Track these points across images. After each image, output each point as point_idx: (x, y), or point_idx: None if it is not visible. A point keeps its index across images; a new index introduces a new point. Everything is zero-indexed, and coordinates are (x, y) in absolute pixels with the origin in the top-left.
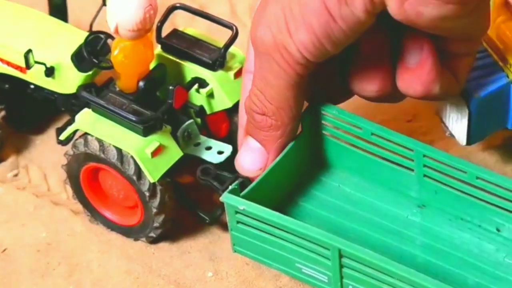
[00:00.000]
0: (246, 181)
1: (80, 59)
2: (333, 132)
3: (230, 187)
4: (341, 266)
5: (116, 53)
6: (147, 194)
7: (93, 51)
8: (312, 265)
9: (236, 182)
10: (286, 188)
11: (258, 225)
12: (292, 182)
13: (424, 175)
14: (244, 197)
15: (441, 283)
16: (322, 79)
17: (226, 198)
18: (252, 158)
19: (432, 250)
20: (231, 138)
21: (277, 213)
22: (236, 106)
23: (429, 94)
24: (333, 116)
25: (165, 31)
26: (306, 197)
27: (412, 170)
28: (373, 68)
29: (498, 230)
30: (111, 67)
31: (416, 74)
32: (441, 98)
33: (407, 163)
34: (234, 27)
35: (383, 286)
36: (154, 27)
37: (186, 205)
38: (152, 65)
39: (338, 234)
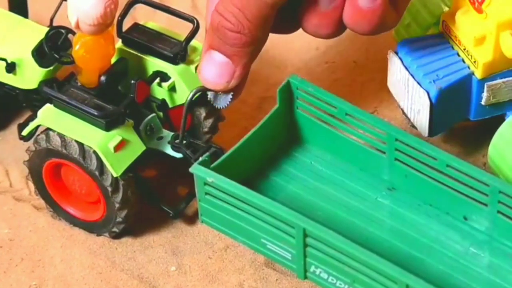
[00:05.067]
0: (219, 151)
1: (41, 54)
2: (309, 109)
3: (200, 158)
4: (305, 245)
5: (77, 48)
6: (109, 189)
7: (54, 46)
8: (277, 242)
9: (207, 153)
10: (258, 161)
11: (225, 198)
12: (264, 156)
13: (396, 159)
14: (214, 168)
15: (402, 270)
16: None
17: (196, 169)
18: (218, 71)
19: (399, 234)
20: (193, 131)
21: (244, 188)
22: (197, 100)
23: (375, 32)
24: (309, 93)
25: (125, 25)
26: (277, 171)
27: (384, 153)
28: (327, 13)
29: (465, 218)
30: (72, 62)
31: (367, 17)
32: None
33: (379, 145)
34: (195, 20)
35: (346, 268)
36: (115, 21)
37: (149, 199)
38: (113, 60)
39: (306, 211)
